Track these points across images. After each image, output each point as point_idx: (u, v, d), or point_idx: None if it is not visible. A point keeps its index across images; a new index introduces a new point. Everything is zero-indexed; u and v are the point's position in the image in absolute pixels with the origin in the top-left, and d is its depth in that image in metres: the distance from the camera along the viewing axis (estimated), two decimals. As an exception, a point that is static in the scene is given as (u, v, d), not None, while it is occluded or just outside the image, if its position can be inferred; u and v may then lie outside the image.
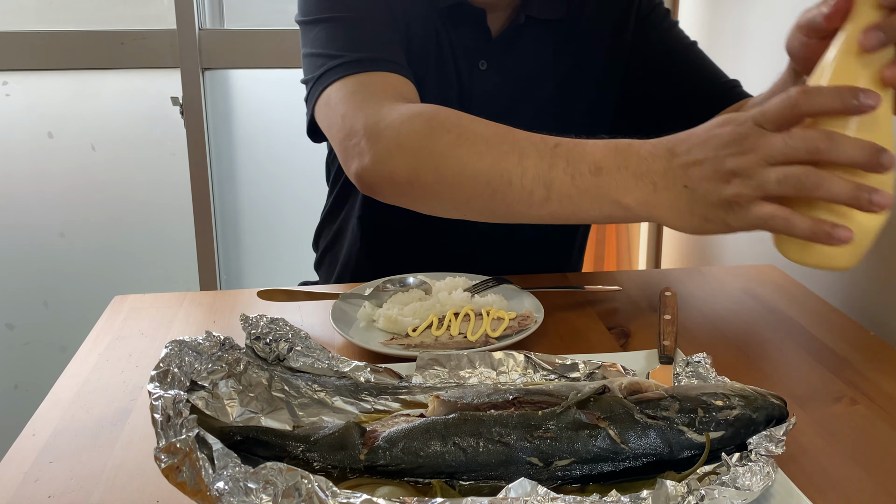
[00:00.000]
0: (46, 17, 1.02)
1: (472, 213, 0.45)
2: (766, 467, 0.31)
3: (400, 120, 0.44)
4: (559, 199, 0.41)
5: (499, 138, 0.42)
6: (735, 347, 0.49)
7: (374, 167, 0.45)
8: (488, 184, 0.42)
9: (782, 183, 0.35)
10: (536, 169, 0.41)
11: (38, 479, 0.36)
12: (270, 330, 0.41)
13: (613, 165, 0.40)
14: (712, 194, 0.37)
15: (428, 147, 0.43)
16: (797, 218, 0.35)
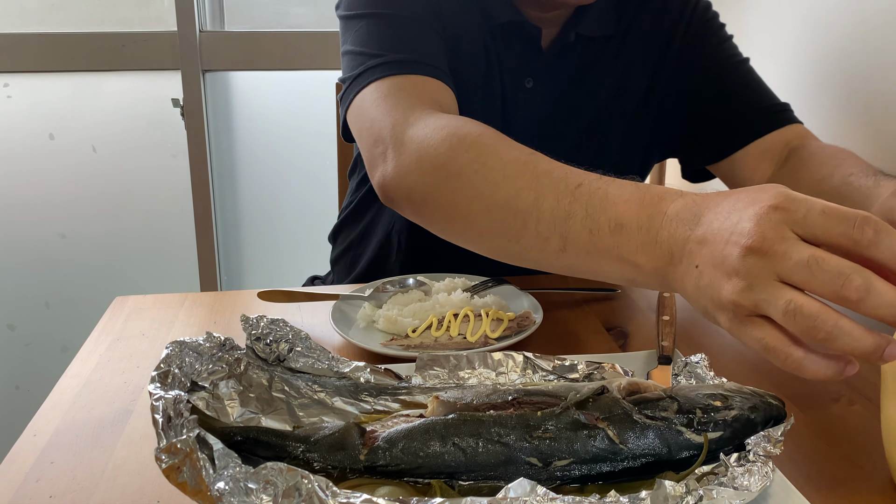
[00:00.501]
0: (48, 19, 1.02)
1: (487, 249, 0.40)
2: (764, 468, 0.31)
3: (425, 132, 0.41)
4: (576, 253, 0.35)
5: (519, 168, 0.37)
6: (733, 348, 0.49)
7: (394, 180, 0.42)
8: (502, 221, 0.37)
9: (788, 318, 0.27)
10: (552, 216, 0.35)
11: (40, 479, 0.36)
12: (271, 331, 0.41)
13: (635, 223, 0.33)
14: (715, 290, 0.30)
15: (446, 167, 0.39)
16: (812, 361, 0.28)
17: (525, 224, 0.37)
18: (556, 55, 0.59)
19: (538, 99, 0.59)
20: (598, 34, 0.59)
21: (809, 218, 0.28)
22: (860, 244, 0.27)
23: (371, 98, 0.46)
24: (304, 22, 1.04)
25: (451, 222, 0.41)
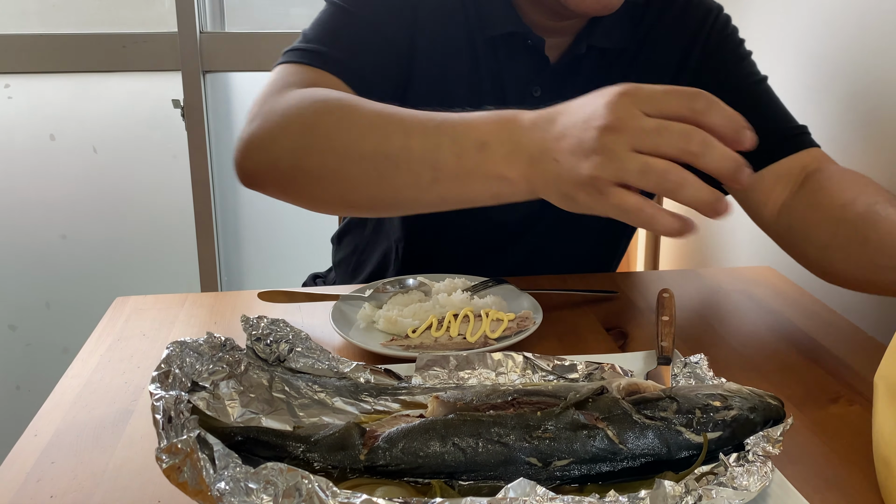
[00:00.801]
0: (48, 20, 1.03)
1: (358, 203, 0.42)
2: (763, 467, 0.31)
3: (288, 103, 0.41)
4: (447, 180, 0.38)
5: (384, 118, 0.39)
6: (732, 348, 0.49)
7: (258, 151, 0.42)
8: (374, 167, 0.39)
9: (643, 176, 0.32)
10: (422, 150, 0.38)
11: (41, 479, 0.36)
12: (271, 331, 0.41)
13: (497, 139, 0.36)
14: (574, 172, 0.33)
15: (312, 130, 0.40)
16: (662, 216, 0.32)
17: (397, 165, 0.38)
18: (566, 66, 0.56)
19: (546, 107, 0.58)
20: (612, 46, 0.56)
21: (653, 97, 0.32)
22: (697, 112, 0.32)
23: (270, 77, 0.46)
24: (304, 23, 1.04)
25: (322, 182, 0.41)
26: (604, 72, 0.58)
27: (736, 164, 0.32)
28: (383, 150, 0.39)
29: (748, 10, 0.78)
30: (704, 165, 0.32)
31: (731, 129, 0.32)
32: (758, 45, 0.76)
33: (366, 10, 0.51)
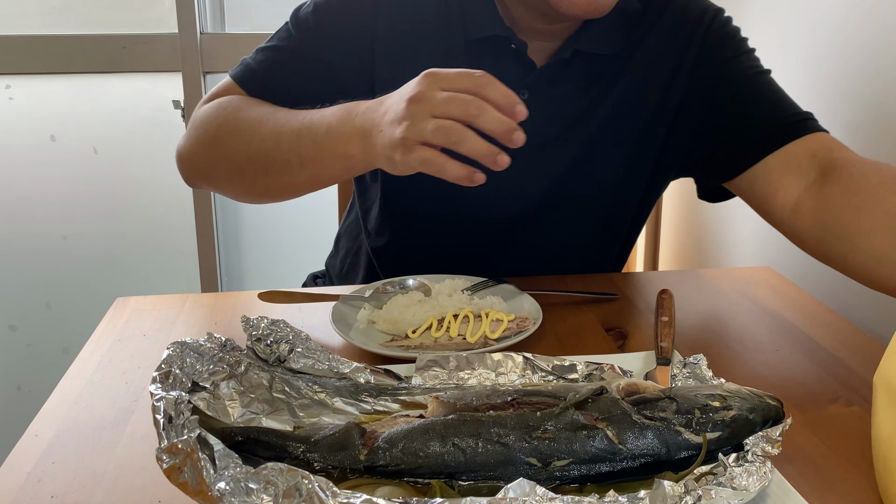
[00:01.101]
0: (49, 21, 1.03)
1: (260, 191, 0.53)
2: (762, 468, 0.31)
3: (201, 118, 0.54)
4: (310, 163, 0.48)
5: (263, 122, 0.50)
6: (732, 349, 0.49)
7: (181, 157, 0.55)
8: (260, 163, 0.50)
9: (435, 132, 0.40)
10: (289, 142, 0.48)
11: (41, 479, 0.36)
12: (271, 331, 0.41)
13: (339, 124, 0.46)
14: (393, 135, 0.42)
15: (215, 142, 0.53)
16: (451, 163, 0.41)
17: (274, 159, 0.49)
18: (553, 70, 0.57)
19: (533, 111, 0.56)
20: (602, 52, 0.56)
21: (448, 77, 0.41)
22: (479, 87, 0.41)
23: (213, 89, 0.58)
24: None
25: (233, 180, 0.54)
26: (594, 76, 0.57)
27: (508, 126, 0.40)
28: (263, 149, 0.50)
29: (749, 11, 0.78)
30: (481, 125, 0.40)
31: (506, 103, 0.41)
32: (758, 45, 0.76)
33: (311, 37, 0.57)
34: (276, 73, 0.57)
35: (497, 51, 0.56)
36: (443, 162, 0.41)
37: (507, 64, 0.57)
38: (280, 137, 0.49)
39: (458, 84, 0.41)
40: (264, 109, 0.52)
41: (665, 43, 0.58)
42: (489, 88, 0.41)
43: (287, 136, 0.49)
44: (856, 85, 0.64)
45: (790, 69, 0.70)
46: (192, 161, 0.55)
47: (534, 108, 0.57)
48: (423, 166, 0.42)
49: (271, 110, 0.52)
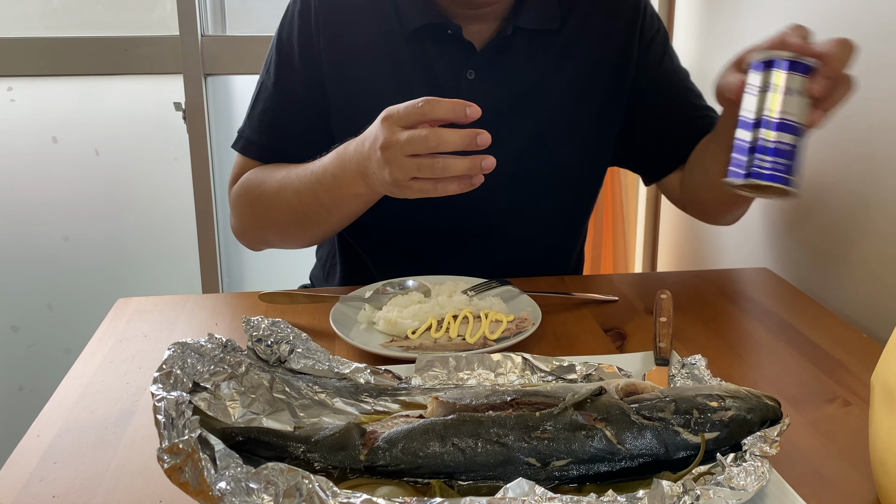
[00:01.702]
0: (51, 23, 1.03)
1: (309, 239, 0.62)
2: (760, 468, 0.31)
3: (235, 200, 0.63)
4: (332, 208, 0.55)
5: (283, 189, 0.57)
6: (730, 349, 0.49)
7: (239, 236, 0.65)
8: (297, 222, 0.58)
9: (420, 170, 0.45)
10: (310, 199, 0.56)
11: (43, 479, 0.37)
12: (272, 332, 0.42)
13: (340, 171, 0.52)
14: (385, 178, 0.47)
15: (255, 218, 0.62)
16: (449, 184, 0.45)
17: (305, 213, 0.57)
18: (495, 49, 0.60)
19: (483, 88, 0.60)
20: (541, 28, 0.60)
21: (401, 115, 0.46)
22: (426, 115, 0.45)
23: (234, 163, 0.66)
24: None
25: (284, 239, 0.63)
26: (535, 52, 0.61)
27: (468, 138, 0.44)
28: (293, 210, 0.57)
29: (745, 16, 0.78)
30: (446, 150, 0.44)
31: (456, 114, 0.44)
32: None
33: (279, 76, 0.62)
34: (270, 132, 0.62)
35: (435, 37, 0.60)
36: (441, 187, 0.45)
37: (449, 48, 0.60)
38: (301, 197, 0.56)
39: (411, 119, 0.45)
40: (279, 176, 0.58)
41: (610, 24, 0.62)
42: (436, 110, 0.44)
43: (306, 194, 0.55)
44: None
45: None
46: (246, 235, 0.64)
47: (481, 86, 0.61)
48: (424, 195, 0.46)
49: (284, 174, 0.58)
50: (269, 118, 0.62)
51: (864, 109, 0.61)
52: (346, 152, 0.51)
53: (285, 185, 0.57)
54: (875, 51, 0.59)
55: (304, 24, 0.61)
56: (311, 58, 0.61)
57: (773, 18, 0.74)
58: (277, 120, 0.61)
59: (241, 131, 0.64)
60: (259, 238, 0.63)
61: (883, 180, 0.59)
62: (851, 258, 0.62)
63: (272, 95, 0.62)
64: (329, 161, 0.53)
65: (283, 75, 0.61)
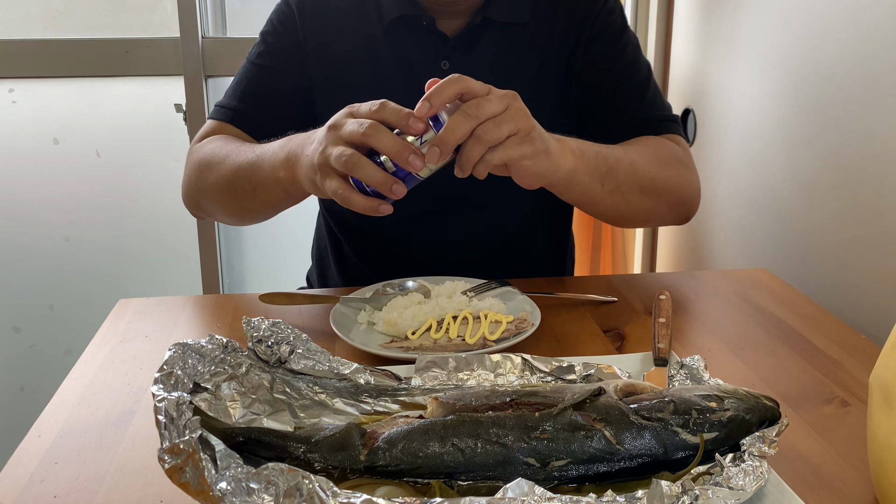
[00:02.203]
0: (52, 25, 1.03)
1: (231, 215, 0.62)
2: (759, 468, 0.31)
3: (189, 161, 0.62)
4: (258, 187, 0.54)
5: (227, 159, 0.57)
6: (728, 350, 0.49)
7: (183, 195, 0.64)
8: (226, 191, 0.58)
9: (337, 159, 0.44)
10: (244, 171, 0.55)
11: (44, 479, 0.37)
12: (272, 333, 0.42)
13: (278, 150, 0.52)
14: (312, 161, 0.46)
15: (197, 177, 0.60)
16: (355, 196, 0.45)
17: (234, 187, 0.57)
18: (466, 39, 0.61)
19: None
20: (511, 20, 0.61)
21: (360, 109, 0.46)
22: (376, 114, 0.44)
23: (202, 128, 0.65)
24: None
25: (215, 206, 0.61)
26: (506, 44, 0.62)
27: (400, 146, 0.43)
28: (226, 182, 0.57)
29: (742, 18, 0.79)
30: (374, 144, 0.43)
31: (397, 120, 0.44)
32: (750, 50, 0.77)
33: (262, 59, 0.64)
34: (244, 100, 0.63)
35: (411, 28, 0.61)
36: (349, 195, 0.45)
37: (423, 39, 0.62)
38: (238, 168, 0.56)
39: (362, 111, 0.45)
40: (231, 146, 0.58)
41: (566, 20, 0.63)
42: (387, 112, 0.44)
43: (243, 166, 0.55)
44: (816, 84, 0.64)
45: (774, 62, 0.71)
46: (187, 195, 0.64)
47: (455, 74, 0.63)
48: (335, 196, 0.45)
49: (236, 147, 0.58)
50: (245, 88, 0.63)
51: (861, 112, 0.61)
52: (293, 137, 0.52)
53: (231, 156, 0.57)
54: (872, 53, 0.59)
55: (289, 10, 0.63)
56: (295, 42, 0.63)
57: (770, 20, 0.74)
58: (254, 90, 0.63)
59: (219, 102, 0.65)
60: (196, 201, 0.63)
61: (880, 182, 0.59)
62: (849, 259, 0.62)
63: (252, 70, 0.64)
64: (276, 142, 0.54)
65: (266, 54, 0.64)
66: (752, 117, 0.77)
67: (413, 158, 0.43)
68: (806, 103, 0.69)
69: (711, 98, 0.87)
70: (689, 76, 0.93)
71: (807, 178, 0.69)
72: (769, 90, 0.74)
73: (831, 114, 0.65)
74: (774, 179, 0.74)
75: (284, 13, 0.64)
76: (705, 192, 0.90)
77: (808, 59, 0.68)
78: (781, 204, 0.73)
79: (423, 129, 0.43)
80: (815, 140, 0.67)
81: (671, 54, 0.98)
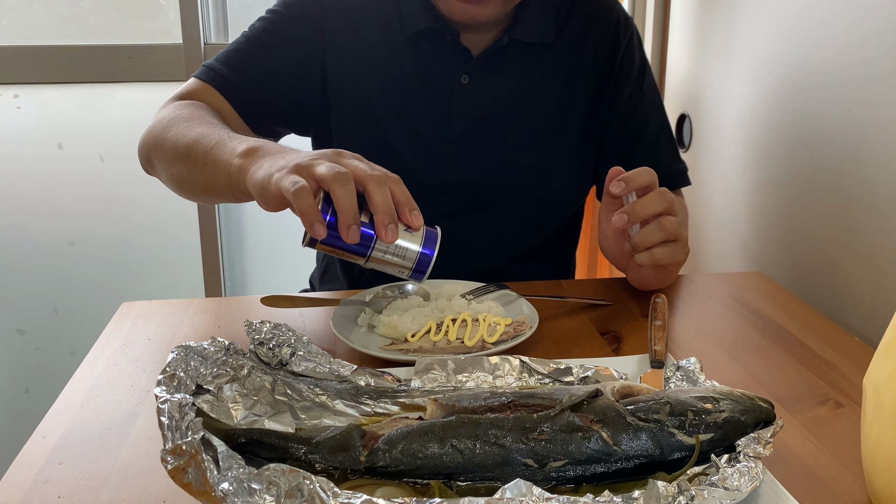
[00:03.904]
0: (57, 32, 1.04)
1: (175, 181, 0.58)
2: (754, 468, 0.31)
3: (159, 114, 0.60)
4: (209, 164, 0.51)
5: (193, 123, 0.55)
6: (724, 352, 0.50)
7: (140, 144, 0.61)
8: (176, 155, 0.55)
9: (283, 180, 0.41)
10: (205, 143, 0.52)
11: (49, 480, 0.37)
12: (273, 335, 0.42)
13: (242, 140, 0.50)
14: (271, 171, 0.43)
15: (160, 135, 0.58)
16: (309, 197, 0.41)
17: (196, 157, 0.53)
18: (490, 57, 0.61)
19: (475, 92, 0.61)
20: (535, 41, 0.61)
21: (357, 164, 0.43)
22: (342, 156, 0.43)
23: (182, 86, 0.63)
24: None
25: (164, 171, 0.59)
26: (530, 64, 0.62)
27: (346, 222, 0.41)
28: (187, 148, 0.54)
29: (738, 27, 0.79)
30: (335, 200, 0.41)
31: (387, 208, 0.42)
32: (746, 59, 0.77)
33: (266, 36, 0.62)
34: (232, 67, 0.61)
35: (434, 41, 0.61)
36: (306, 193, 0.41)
37: (445, 53, 0.62)
38: (201, 137, 0.53)
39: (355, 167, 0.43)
40: (209, 117, 0.57)
41: (595, 37, 0.63)
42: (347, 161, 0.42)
43: (207, 137, 0.53)
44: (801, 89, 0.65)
45: (769, 67, 0.71)
46: (143, 146, 0.61)
47: (474, 91, 0.62)
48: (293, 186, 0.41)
49: (214, 120, 0.56)
50: (242, 59, 0.62)
51: (856, 115, 0.62)
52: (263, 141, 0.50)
53: (201, 124, 0.55)
54: (865, 58, 0.60)
55: (310, 8, 0.62)
56: (313, 35, 0.61)
57: (764, 27, 0.75)
58: (250, 64, 0.61)
59: (207, 63, 0.63)
60: (146, 152, 0.60)
61: (874, 185, 0.59)
62: (843, 263, 0.62)
63: (253, 44, 0.62)
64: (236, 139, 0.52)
65: (272, 32, 0.62)
66: (747, 122, 0.78)
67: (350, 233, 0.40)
68: (799, 108, 0.69)
69: (707, 103, 0.88)
70: (685, 82, 0.93)
71: (801, 183, 0.70)
72: (763, 95, 0.74)
73: (825, 118, 0.66)
74: (769, 184, 0.74)
75: (307, 4, 0.62)
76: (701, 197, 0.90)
77: (802, 64, 0.68)
78: (776, 208, 0.73)
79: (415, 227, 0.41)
80: (809, 144, 0.67)
81: (667, 60, 0.98)
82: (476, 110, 0.62)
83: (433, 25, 0.60)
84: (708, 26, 0.87)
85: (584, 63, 0.63)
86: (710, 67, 0.87)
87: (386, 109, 0.62)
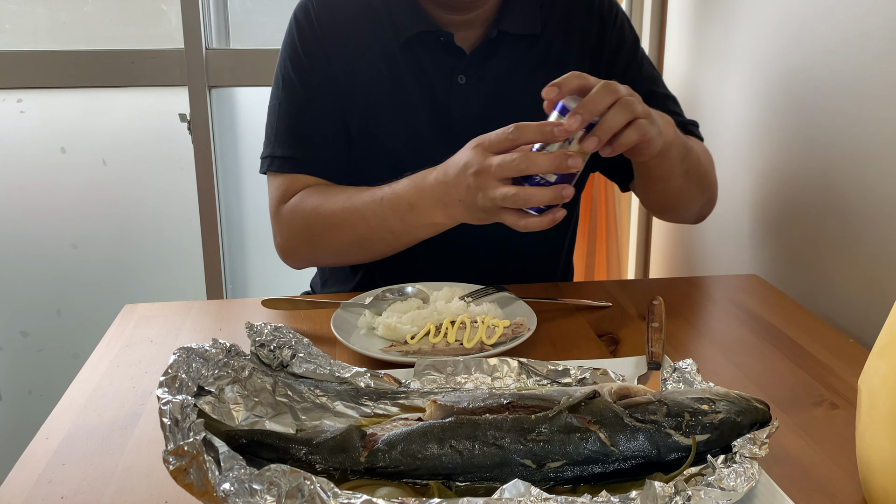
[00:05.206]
0: (60, 37, 1.05)
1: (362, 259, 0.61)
2: (750, 469, 0.32)
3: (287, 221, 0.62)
4: (402, 235, 0.56)
5: (348, 213, 0.57)
6: (720, 354, 0.50)
7: (285, 252, 0.63)
8: (359, 245, 0.58)
9: (506, 199, 0.47)
10: (378, 225, 0.56)
11: (52, 480, 0.37)
12: (274, 337, 0.42)
13: (418, 200, 0.53)
14: (474, 204, 0.49)
15: (309, 242, 0.61)
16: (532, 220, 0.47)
17: (369, 239, 0.57)
18: (483, 52, 0.62)
19: (472, 93, 0.62)
20: (523, 32, 0.62)
21: (492, 141, 0.47)
22: (516, 140, 0.47)
23: (269, 185, 0.64)
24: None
25: (337, 260, 0.64)
26: (520, 55, 0.63)
27: (558, 162, 0.45)
28: (358, 235, 0.58)
29: (735, 27, 0.80)
30: (536, 173, 0.46)
31: (542, 136, 0.46)
32: (742, 59, 0.78)
33: (295, 95, 0.63)
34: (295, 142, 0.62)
35: (428, 44, 0.62)
36: (527, 222, 0.47)
37: (440, 55, 0.62)
38: (369, 223, 0.56)
39: (501, 146, 0.47)
40: (339, 199, 0.59)
41: (584, 28, 0.64)
42: (525, 135, 0.46)
43: (374, 220, 0.56)
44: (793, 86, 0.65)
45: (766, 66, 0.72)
46: (297, 255, 0.63)
47: (471, 91, 0.63)
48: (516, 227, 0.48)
49: (346, 198, 0.58)
50: (290, 129, 0.63)
51: (850, 116, 0.62)
52: (424, 182, 0.52)
53: (349, 209, 0.57)
54: (859, 59, 0.60)
55: (307, 36, 0.63)
56: (322, 66, 0.62)
57: (759, 32, 0.75)
58: (298, 129, 0.62)
59: (264, 154, 0.64)
60: (311, 258, 0.63)
61: (869, 188, 0.59)
62: (838, 265, 0.63)
63: (287, 110, 0.63)
64: (404, 189, 0.54)
65: (295, 89, 0.63)
66: (744, 126, 0.78)
67: (572, 161, 0.45)
68: (795, 112, 0.69)
69: (703, 108, 0.88)
70: (682, 86, 0.94)
71: (797, 186, 0.70)
72: (760, 100, 0.75)
73: (821, 122, 0.66)
74: (765, 187, 0.74)
75: (298, 34, 0.63)
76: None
77: (797, 69, 0.69)
78: (772, 211, 0.74)
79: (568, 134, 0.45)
80: (804, 148, 0.68)
81: (664, 65, 0.99)
82: (475, 109, 0.62)
83: (426, 28, 0.61)
84: (704, 30, 0.88)
85: (572, 47, 0.63)
86: (706, 71, 0.88)
87: (388, 119, 0.62)
